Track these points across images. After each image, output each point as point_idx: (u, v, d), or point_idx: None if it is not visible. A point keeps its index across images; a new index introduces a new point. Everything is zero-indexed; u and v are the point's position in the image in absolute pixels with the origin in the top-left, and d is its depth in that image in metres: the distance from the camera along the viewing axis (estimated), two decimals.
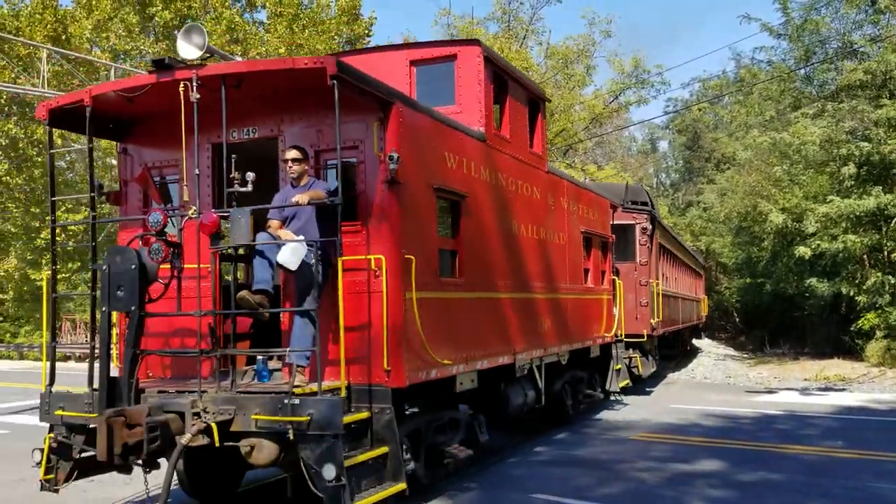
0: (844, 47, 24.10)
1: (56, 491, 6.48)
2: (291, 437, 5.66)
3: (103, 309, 6.12)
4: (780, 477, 8.04)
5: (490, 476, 8.30)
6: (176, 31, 28.38)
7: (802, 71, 25.80)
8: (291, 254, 6.00)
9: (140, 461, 5.83)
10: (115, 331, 7.03)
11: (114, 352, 6.80)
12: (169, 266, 6.05)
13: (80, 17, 27.44)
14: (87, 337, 34.89)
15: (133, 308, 5.93)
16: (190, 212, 6.01)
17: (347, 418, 5.81)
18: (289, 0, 28.90)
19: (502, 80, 8.95)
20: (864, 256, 22.74)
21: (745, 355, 31.12)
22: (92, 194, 6.78)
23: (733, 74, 42.50)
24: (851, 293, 22.33)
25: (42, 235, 27.83)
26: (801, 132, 22.49)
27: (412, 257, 6.50)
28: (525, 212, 9.27)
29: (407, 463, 6.48)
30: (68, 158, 30.74)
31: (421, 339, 6.57)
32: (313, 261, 6.00)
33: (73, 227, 27.97)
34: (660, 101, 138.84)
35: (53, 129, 7.15)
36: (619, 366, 13.60)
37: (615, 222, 14.21)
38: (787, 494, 7.35)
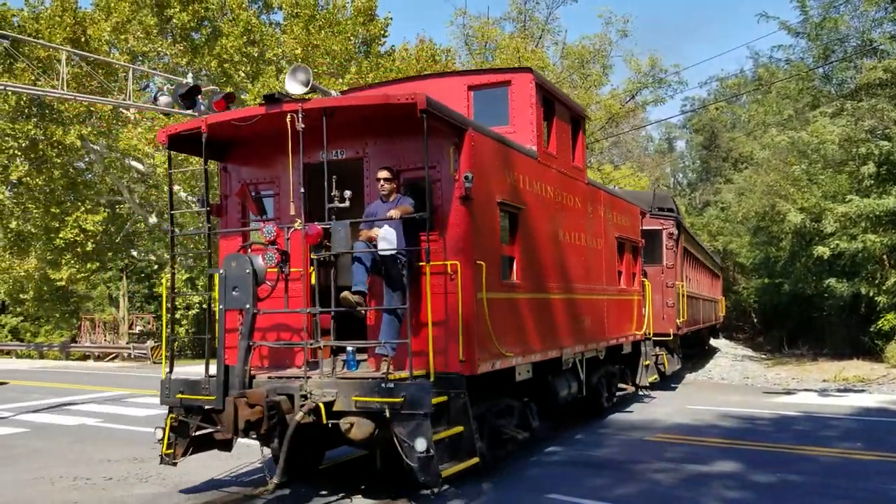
0: (864, 45, 23.87)
1: (174, 464, 7.52)
2: (387, 415, 6.57)
3: (220, 307, 7.17)
4: (797, 478, 7.97)
5: (505, 476, 8.29)
6: (194, 34, 28.63)
7: (821, 69, 25.58)
8: (388, 242, 7.09)
9: (258, 435, 6.91)
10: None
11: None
12: (277, 270, 7.19)
13: (98, 19, 27.63)
14: (105, 335, 35.18)
15: (248, 306, 7.01)
16: (296, 224, 7.05)
17: (432, 400, 6.64)
18: (305, 1, 29.00)
19: (550, 102, 9.85)
20: (884, 256, 22.49)
21: (763, 356, 30.89)
22: (206, 209, 7.95)
23: (751, 73, 42.24)
24: (871, 293, 22.11)
25: (61, 235, 28.05)
26: (819, 131, 22.30)
27: (482, 263, 7.48)
28: (569, 220, 10.27)
29: (476, 441, 7.37)
30: (87, 160, 31.02)
31: (489, 333, 7.58)
32: (401, 266, 7.00)
33: (91, 228, 28.19)
34: (677, 101, 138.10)
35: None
36: (647, 362, 14.55)
37: (644, 228, 15.03)
38: (805, 496, 7.29)
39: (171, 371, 7.55)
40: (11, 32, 24.32)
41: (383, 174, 7.38)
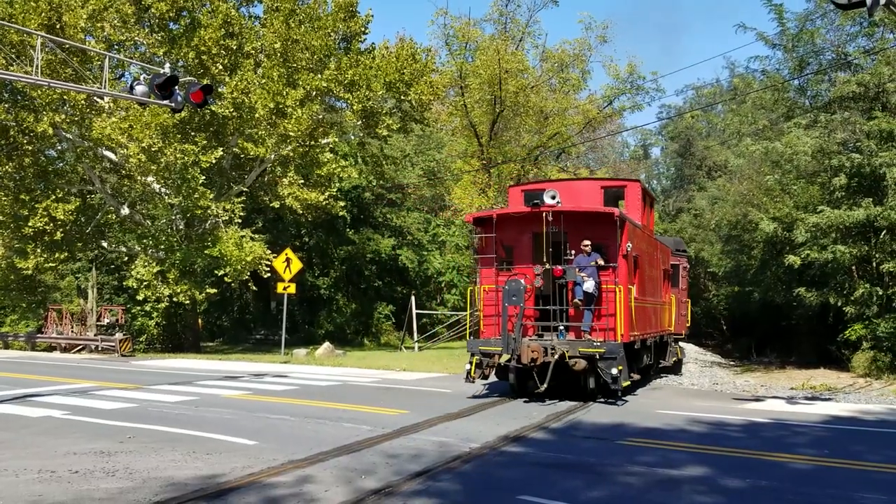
0: (838, 59, 24.24)
1: (473, 381, 14.87)
2: (597, 357, 13.85)
3: (505, 304, 14.20)
4: (766, 484, 8.04)
5: (475, 476, 8.27)
6: (172, 24, 28.24)
7: (796, 81, 25.94)
8: (592, 285, 14.37)
9: (535, 365, 13.90)
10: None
11: None
12: (536, 286, 14.55)
13: (75, 6, 27.17)
14: (72, 326, 34.62)
15: (521, 304, 14.14)
16: (547, 265, 14.35)
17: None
18: None
19: (645, 196, 17.58)
20: (853, 267, 22.83)
21: (732, 363, 31.21)
22: (494, 255, 15.43)
23: (727, 83, 42.70)
24: (839, 303, 22.42)
25: (30, 223, 27.55)
26: (793, 142, 22.61)
27: (632, 286, 15.04)
28: (649, 260, 17.46)
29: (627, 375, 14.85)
30: (59, 148, 30.53)
31: (633, 321, 14.94)
32: (595, 287, 14.46)
33: (62, 217, 27.73)
34: (653, 108, 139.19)
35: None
36: (671, 349, 21.32)
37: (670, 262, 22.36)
38: (774, 502, 7.34)
39: (469, 337, 15.61)
40: None
41: (586, 241, 14.55)
